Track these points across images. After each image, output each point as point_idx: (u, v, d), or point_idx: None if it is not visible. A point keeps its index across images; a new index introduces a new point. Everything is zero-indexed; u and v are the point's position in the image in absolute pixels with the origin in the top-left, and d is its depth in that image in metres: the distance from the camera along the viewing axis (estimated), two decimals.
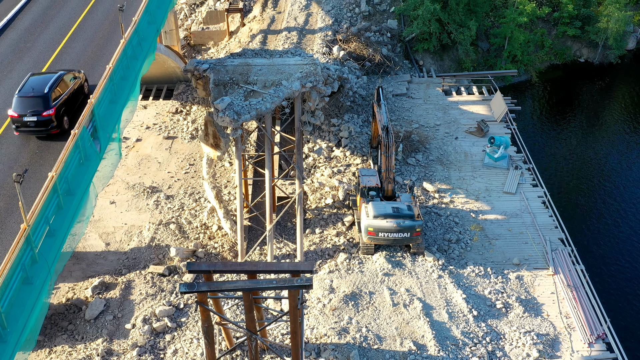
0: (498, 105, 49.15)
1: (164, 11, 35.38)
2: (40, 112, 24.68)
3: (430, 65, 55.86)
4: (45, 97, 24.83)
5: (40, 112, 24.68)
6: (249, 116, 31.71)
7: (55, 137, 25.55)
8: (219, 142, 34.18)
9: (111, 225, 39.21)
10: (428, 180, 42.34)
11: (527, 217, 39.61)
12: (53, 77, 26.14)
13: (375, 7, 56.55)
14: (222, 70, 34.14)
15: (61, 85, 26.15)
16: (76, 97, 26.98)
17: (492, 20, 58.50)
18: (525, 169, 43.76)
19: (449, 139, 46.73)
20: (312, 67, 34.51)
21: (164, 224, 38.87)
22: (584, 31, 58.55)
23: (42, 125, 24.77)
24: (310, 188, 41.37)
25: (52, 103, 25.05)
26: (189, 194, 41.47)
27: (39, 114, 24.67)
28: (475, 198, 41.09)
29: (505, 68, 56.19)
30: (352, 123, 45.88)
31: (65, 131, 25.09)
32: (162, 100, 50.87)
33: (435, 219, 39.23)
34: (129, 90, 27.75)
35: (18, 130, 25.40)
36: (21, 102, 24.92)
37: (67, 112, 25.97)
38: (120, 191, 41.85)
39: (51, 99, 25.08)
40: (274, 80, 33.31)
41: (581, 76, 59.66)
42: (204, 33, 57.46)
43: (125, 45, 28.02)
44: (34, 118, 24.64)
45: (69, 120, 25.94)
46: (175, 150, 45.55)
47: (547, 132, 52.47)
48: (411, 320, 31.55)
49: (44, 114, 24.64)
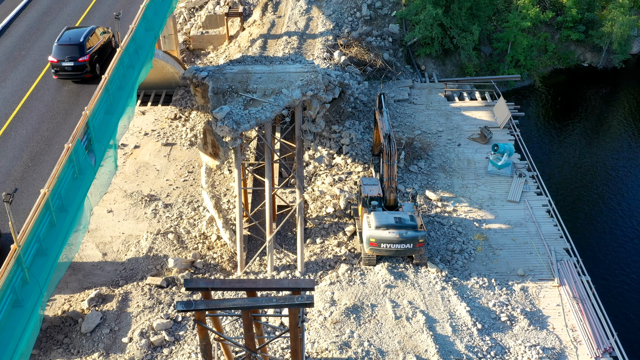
0: (501, 111, 48.48)
1: (162, 17, 34.71)
2: (77, 58, 28.50)
3: (432, 70, 55.20)
4: (80, 45, 28.68)
5: (77, 58, 28.51)
6: (249, 125, 31.04)
7: (88, 80, 29.22)
8: (217, 151, 33.51)
9: (108, 234, 38.55)
10: (430, 189, 41.66)
11: (532, 227, 38.94)
12: (87, 30, 30.01)
13: (377, 11, 55.88)
14: (221, 78, 33.46)
15: (93, 37, 29.86)
16: (106, 49, 30.84)
17: (494, 25, 57.82)
18: (529, 176, 43.08)
19: (452, 145, 46.04)
20: (313, 74, 33.84)
21: (162, 234, 38.21)
22: (588, 35, 57.87)
23: (77, 70, 28.63)
24: (310, 196, 40.70)
25: (87, 51, 28.81)
26: (187, 203, 40.81)
27: (75, 59, 28.50)
28: (479, 207, 40.41)
29: (508, 73, 55.52)
30: (353, 130, 45.22)
31: (97, 76, 28.78)
32: (160, 106, 50.21)
33: (438, 229, 38.55)
34: (126, 99, 27.07)
35: (57, 75, 29.25)
36: (60, 49, 28.70)
37: (98, 60, 29.85)
38: (117, 199, 41.19)
39: (85, 47, 28.85)
40: (274, 88, 32.64)
41: (585, 81, 58.97)
42: (203, 37, 56.82)
43: (121, 54, 27.33)
44: (71, 63, 28.48)
45: (100, 67, 29.56)
46: (174, 158, 44.89)
47: (551, 138, 51.78)
48: (414, 334, 30.88)
49: (79, 59, 28.55)
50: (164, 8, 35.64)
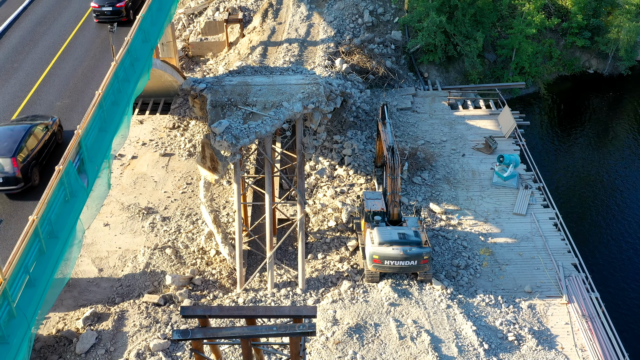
0: (506, 120, 47.52)
1: (159, 28, 33.77)
2: (115, 3, 34.39)
3: (436, 77, 54.25)
4: None
5: (115, 4, 34.40)
6: (248, 140, 30.08)
7: (124, 24, 34.12)
8: (216, 165, 32.57)
9: (105, 249, 37.61)
10: (435, 201, 40.72)
11: (539, 241, 37.98)
12: None
13: (379, 18, 54.94)
14: (220, 91, 32.50)
15: None
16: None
17: (498, 31, 56.88)
18: (535, 188, 42.13)
19: (456, 156, 45.10)
20: (315, 86, 32.87)
21: (160, 248, 37.27)
22: (594, 42, 56.90)
23: (115, 14, 34.41)
24: (312, 209, 39.75)
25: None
26: (185, 216, 39.87)
27: (113, 5, 34.41)
28: (484, 220, 39.47)
29: (512, 80, 54.56)
30: (355, 140, 44.26)
31: (131, 21, 33.96)
32: (159, 115, 49.26)
33: (442, 243, 37.61)
34: (121, 115, 26.07)
35: (97, 19, 34.91)
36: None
37: (132, 7, 35.34)
38: (114, 212, 40.25)
39: None
40: (274, 101, 31.68)
41: (590, 88, 58.02)
42: (203, 44, 55.90)
43: (116, 68, 26.36)
44: (110, 8, 34.38)
45: (133, 13, 34.90)
46: (172, 169, 43.95)
47: (557, 148, 50.80)
48: (419, 355, 29.92)
49: (117, 5, 34.37)
50: (162, 18, 34.71)
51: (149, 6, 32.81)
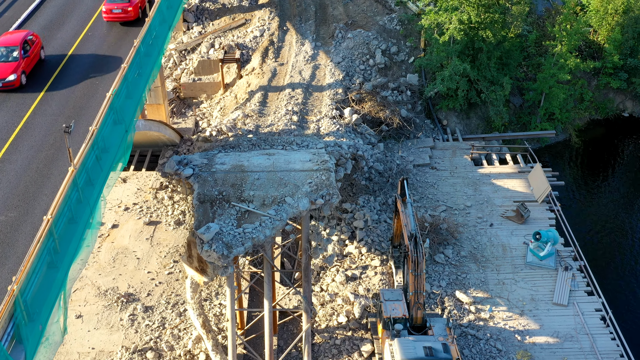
0: (538, 182, 41.79)
1: (136, 102, 27.98)
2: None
3: (456, 124, 48.56)
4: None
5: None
6: (243, 249, 24.48)
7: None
8: (205, 267, 26.94)
9: (75, 350, 32.06)
10: (461, 287, 35.09)
11: (585, 341, 32.39)
12: None
13: (392, 58, 49.22)
14: (210, 180, 26.83)
15: None
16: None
17: (524, 70, 51.18)
18: (576, 268, 36.47)
19: (483, 225, 39.42)
20: (325, 174, 27.20)
21: (140, 351, 31.66)
22: (630, 83, 51.21)
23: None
24: (318, 299, 34.13)
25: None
26: (171, 305, 34.28)
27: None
28: (520, 312, 33.85)
29: (541, 127, 48.80)
30: (368, 209, 38.61)
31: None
32: (144, 171, 43.57)
33: (472, 344, 32.00)
34: (79, 238, 20.43)
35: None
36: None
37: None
38: (89, 299, 34.67)
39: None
40: (276, 195, 26.02)
41: (625, 132, 52.30)
42: (196, 85, 50.23)
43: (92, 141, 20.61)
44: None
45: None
46: (158, 241, 38.29)
47: (596, 210, 44.59)
48: None
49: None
50: (141, 86, 28.94)
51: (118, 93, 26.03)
